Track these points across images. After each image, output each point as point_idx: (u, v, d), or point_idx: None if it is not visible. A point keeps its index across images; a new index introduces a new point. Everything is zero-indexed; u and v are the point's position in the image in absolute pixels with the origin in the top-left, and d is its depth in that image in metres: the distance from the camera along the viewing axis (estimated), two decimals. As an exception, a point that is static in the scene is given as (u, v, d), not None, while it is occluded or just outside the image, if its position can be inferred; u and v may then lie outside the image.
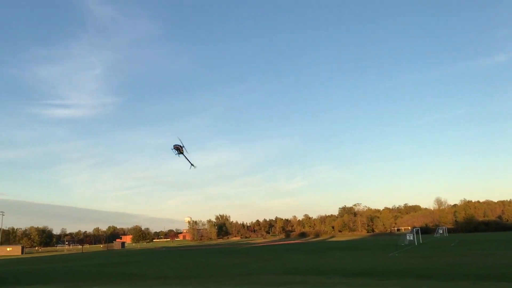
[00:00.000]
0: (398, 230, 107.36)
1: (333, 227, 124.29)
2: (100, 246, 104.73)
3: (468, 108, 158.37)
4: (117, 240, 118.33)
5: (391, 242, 50.65)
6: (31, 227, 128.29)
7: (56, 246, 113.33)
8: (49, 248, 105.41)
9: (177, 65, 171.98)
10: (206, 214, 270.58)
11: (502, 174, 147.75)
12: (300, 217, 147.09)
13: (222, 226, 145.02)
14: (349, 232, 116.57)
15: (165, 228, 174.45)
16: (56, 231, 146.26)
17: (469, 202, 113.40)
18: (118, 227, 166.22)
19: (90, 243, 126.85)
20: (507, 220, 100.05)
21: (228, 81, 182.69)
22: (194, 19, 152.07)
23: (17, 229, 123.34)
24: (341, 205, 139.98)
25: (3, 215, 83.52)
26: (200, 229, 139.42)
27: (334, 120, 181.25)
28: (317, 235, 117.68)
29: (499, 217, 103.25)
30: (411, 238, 48.52)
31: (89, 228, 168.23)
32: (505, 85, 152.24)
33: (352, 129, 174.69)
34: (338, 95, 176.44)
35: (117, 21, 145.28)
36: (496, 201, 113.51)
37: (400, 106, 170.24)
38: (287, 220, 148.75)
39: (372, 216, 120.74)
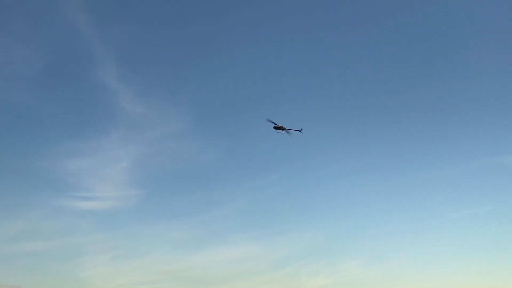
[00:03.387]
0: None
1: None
2: None
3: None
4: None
5: None
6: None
7: None
8: None
9: (203, 158, 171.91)
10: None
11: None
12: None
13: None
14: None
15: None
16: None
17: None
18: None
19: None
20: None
21: (251, 174, 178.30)
22: (219, 115, 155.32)
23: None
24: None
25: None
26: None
27: (360, 214, 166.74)
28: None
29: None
30: None
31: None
32: None
33: (380, 223, 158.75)
34: (365, 188, 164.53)
35: (147, 117, 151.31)
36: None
37: (428, 202, 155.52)
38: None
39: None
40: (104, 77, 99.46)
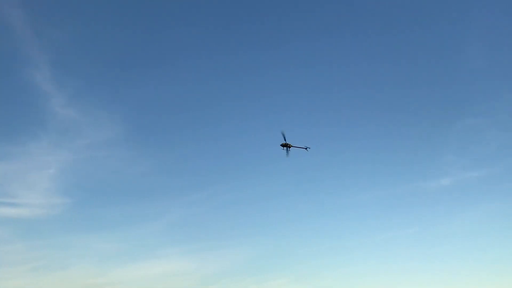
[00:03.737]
0: None
1: None
2: None
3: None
4: None
5: None
6: None
7: None
8: None
9: (136, 169, 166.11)
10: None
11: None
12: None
13: None
14: None
15: None
16: None
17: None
18: None
19: None
20: None
21: (186, 188, 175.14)
22: (155, 124, 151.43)
23: None
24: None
25: None
26: None
27: (290, 232, 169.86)
28: None
29: None
30: None
31: None
32: (449, 207, 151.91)
33: (309, 243, 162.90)
34: (297, 207, 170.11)
35: (79, 123, 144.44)
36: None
37: (357, 223, 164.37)
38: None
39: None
40: (37, 78, 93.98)
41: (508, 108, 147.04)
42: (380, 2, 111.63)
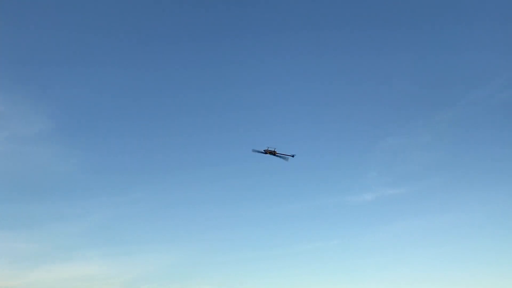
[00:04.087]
0: None
1: None
2: None
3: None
4: None
5: None
6: None
7: None
8: None
9: (61, 166, 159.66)
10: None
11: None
12: None
13: None
14: None
15: None
16: None
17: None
18: None
19: None
20: None
21: (113, 189, 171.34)
22: (86, 121, 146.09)
23: None
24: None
25: None
26: None
27: (216, 239, 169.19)
28: None
29: None
30: None
31: None
32: (371, 221, 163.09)
33: (234, 250, 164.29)
34: (223, 214, 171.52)
35: (2, 115, 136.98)
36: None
37: (281, 233, 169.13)
38: None
39: None
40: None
41: (429, 130, 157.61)
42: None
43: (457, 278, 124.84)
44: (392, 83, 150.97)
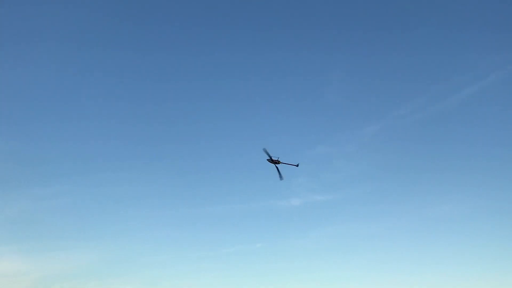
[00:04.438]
0: None
1: None
2: None
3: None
4: None
5: None
6: None
7: None
8: None
9: None
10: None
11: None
12: None
13: None
14: None
15: None
16: None
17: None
18: None
19: None
20: None
21: (34, 181, 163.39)
22: (8, 110, 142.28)
23: None
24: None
25: None
26: None
27: (138, 239, 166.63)
28: None
29: None
30: None
31: None
32: (297, 226, 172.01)
33: (156, 250, 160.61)
34: (148, 214, 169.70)
35: None
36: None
37: (205, 235, 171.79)
38: None
39: None
40: None
41: (355, 141, 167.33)
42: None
43: (374, 284, 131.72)
44: (324, 94, 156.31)
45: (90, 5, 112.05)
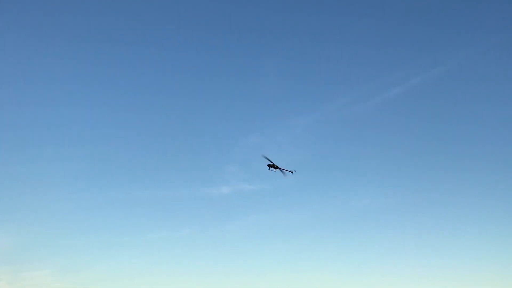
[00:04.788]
0: None
1: None
2: None
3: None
4: None
5: None
6: None
7: None
8: None
9: None
10: None
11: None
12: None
13: None
14: None
15: None
16: None
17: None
18: None
19: None
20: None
21: None
22: None
23: None
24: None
25: None
26: None
27: (54, 223, 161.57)
28: None
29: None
30: None
31: None
32: (226, 214, 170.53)
33: (74, 235, 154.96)
34: (70, 196, 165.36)
35: None
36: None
37: (130, 221, 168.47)
38: None
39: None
40: None
41: (285, 132, 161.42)
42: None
43: (304, 275, 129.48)
44: (259, 84, 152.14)
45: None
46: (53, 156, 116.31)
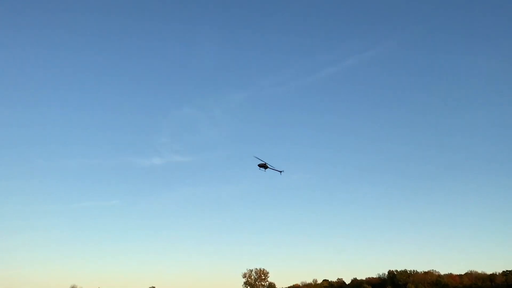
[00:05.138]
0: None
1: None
2: None
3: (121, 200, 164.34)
4: None
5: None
6: None
7: None
8: None
9: None
10: None
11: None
12: None
13: None
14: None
15: None
16: None
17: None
18: None
19: None
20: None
21: None
22: None
23: None
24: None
25: None
26: None
27: None
28: None
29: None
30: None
31: None
32: (157, 185, 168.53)
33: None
34: None
35: None
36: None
37: (62, 187, 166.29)
38: None
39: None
40: None
41: (222, 106, 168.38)
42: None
43: (227, 244, 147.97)
44: (196, 57, 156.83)
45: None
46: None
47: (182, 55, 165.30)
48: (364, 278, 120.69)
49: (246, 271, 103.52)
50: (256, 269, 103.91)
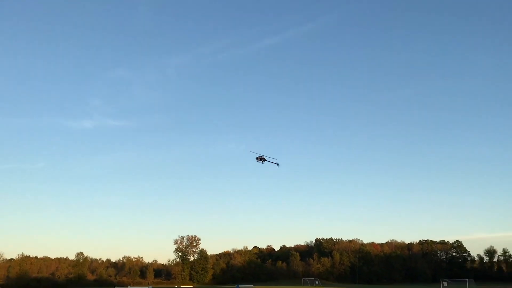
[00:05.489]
0: None
1: None
2: None
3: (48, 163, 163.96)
4: None
5: None
6: None
7: None
8: None
9: None
10: None
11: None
12: None
13: None
14: None
15: None
16: None
17: (26, 257, 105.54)
18: None
19: None
20: (59, 277, 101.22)
21: None
22: None
23: None
24: None
25: None
26: None
27: None
28: None
29: (53, 273, 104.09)
30: None
31: None
32: (87, 149, 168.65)
33: None
34: None
35: None
36: (53, 258, 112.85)
37: None
38: None
39: None
40: None
41: (158, 70, 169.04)
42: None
43: (159, 210, 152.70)
44: (133, 17, 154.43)
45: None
46: None
47: (116, 17, 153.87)
48: (292, 246, 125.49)
49: (177, 238, 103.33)
50: (188, 236, 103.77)
